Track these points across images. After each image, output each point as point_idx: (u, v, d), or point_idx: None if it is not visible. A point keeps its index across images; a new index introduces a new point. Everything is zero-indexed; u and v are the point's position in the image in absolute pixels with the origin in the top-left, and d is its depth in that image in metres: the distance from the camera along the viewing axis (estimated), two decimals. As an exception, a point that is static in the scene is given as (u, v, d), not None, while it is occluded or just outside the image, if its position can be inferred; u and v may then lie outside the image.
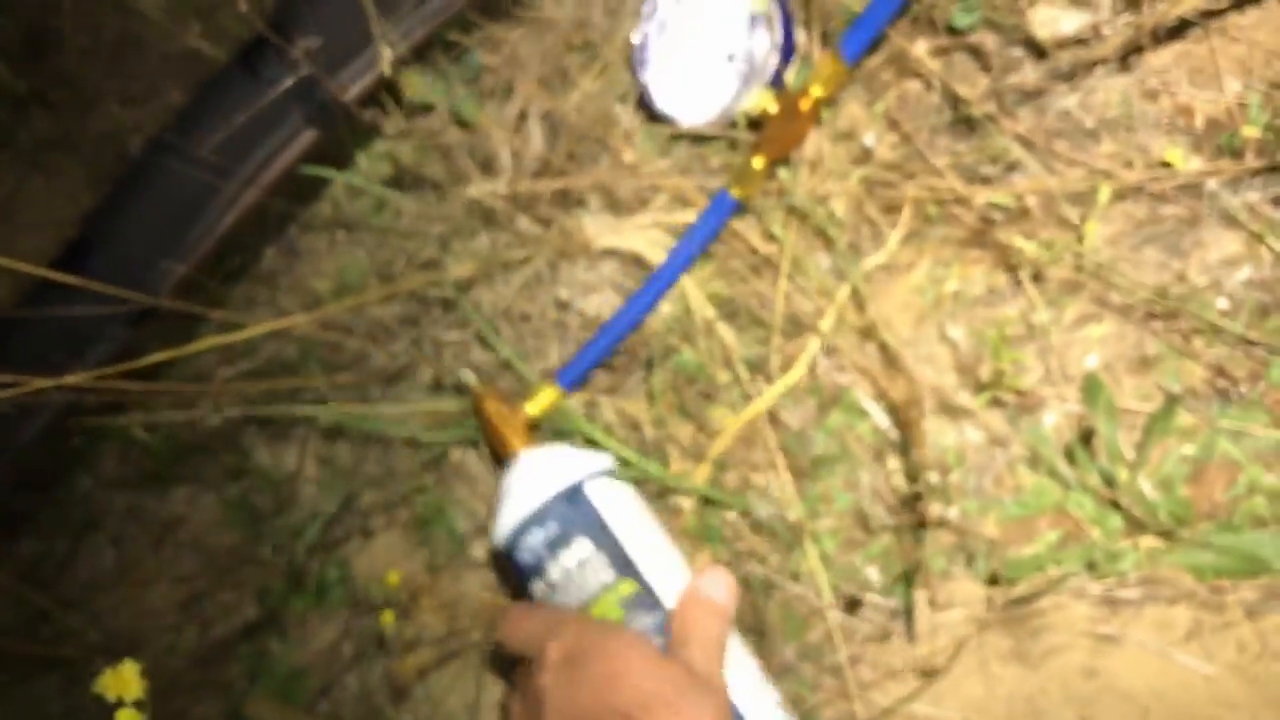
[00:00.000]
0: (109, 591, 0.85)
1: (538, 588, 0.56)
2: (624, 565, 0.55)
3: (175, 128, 0.63)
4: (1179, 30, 0.57)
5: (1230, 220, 0.56)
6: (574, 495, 0.56)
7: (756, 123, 0.60)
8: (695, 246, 0.60)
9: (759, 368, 0.62)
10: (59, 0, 0.64)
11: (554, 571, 0.56)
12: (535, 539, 0.56)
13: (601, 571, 0.55)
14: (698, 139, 0.63)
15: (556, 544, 0.56)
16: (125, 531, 0.84)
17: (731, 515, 0.63)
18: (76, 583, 0.86)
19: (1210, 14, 0.55)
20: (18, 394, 0.56)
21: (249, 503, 0.78)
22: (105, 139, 0.69)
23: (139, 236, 0.67)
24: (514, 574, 0.58)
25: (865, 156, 0.61)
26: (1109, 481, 0.56)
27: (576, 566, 0.55)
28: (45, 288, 0.69)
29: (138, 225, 0.67)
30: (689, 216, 0.62)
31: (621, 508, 0.57)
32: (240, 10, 0.57)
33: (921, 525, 0.57)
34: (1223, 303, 0.56)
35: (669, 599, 0.54)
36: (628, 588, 0.54)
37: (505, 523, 0.57)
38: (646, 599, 0.54)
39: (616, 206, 0.64)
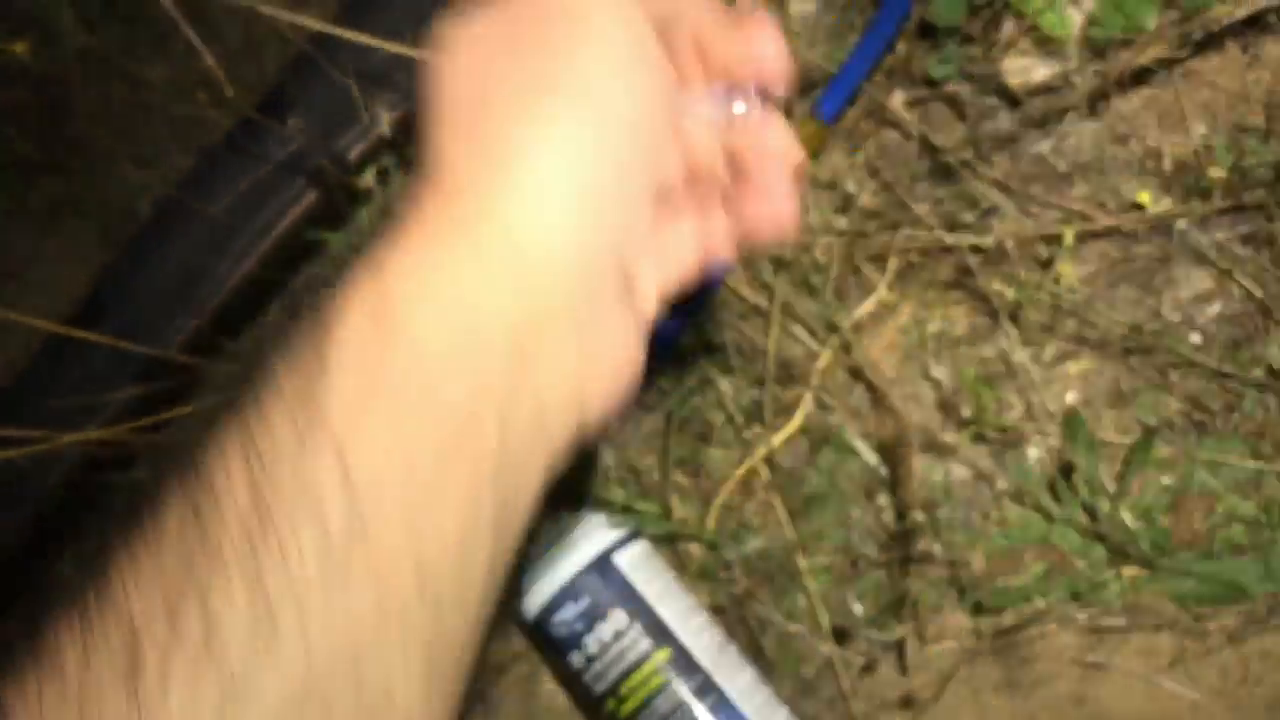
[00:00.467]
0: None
1: (575, 660, 0.58)
2: (659, 632, 0.57)
3: (182, 191, 0.66)
4: (1145, 77, 0.59)
5: (1200, 258, 0.58)
6: (603, 566, 0.58)
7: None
8: (695, 309, 0.63)
9: (753, 412, 0.64)
10: (69, 71, 0.67)
11: (591, 644, 0.58)
12: (569, 612, 0.58)
13: (639, 641, 0.57)
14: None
15: (591, 616, 0.58)
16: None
17: (728, 555, 0.64)
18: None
19: (1172, 62, 0.57)
20: (33, 451, 0.58)
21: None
22: (115, 202, 0.72)
23: (148, 297, 0.70)
24: (548, 647, 0.60)
25: (848, 204, 0.63)
26: (1091, 513, 0.57)
27: (613, 638, 0.57)
28: (59, 346, 0.72)
29: (146, 286, 0.70)
30: (679, 267, 0.64)
31: (649, 573, 0.59)
32: (230, 93, 0.59)
33: (908, 560, 0.59)
34: (1196, 337, 0.58)
35: (705, 660, 0.57)
36: (665, 654, 0.57)
37: (536, 597, 0.59)
38: (685, 662, 0.57)
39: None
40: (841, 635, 0.62)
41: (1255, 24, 0.56)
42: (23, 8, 0.65)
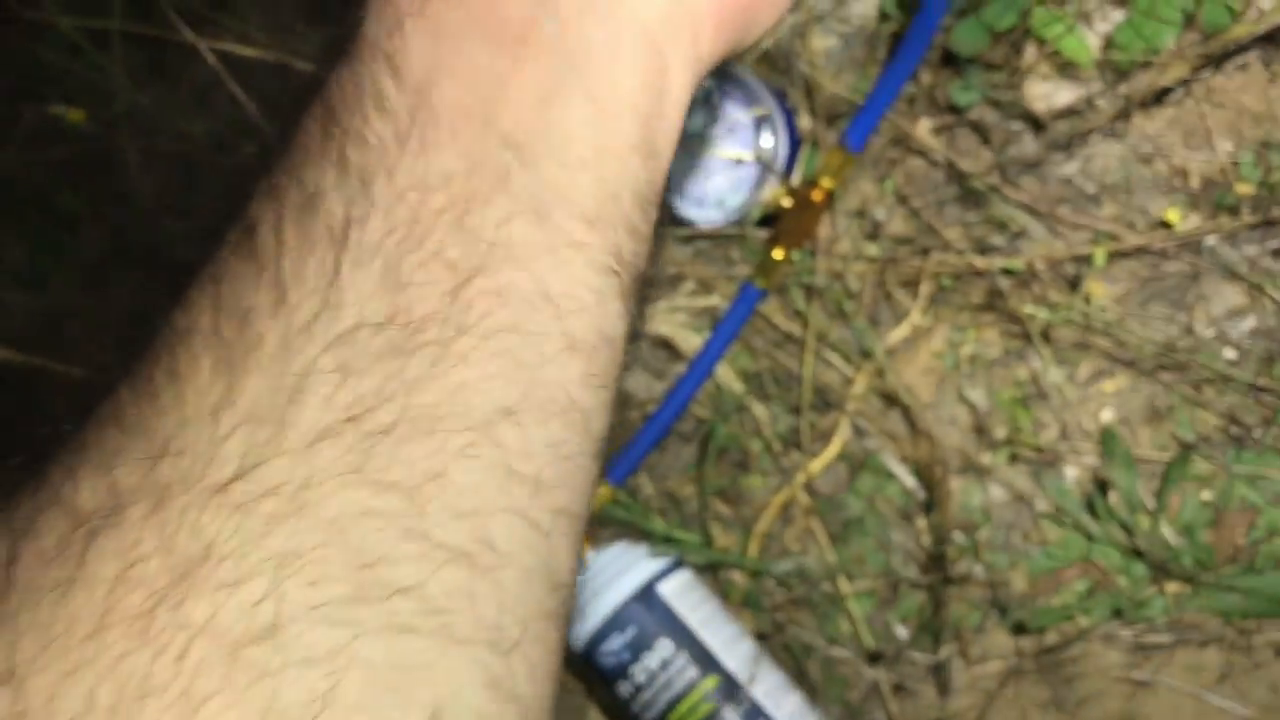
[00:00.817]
0: None
1: (623, 689, 0.60)
2: (705, 660, 0.58)
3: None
4: (1168, 97, 0.60)
5: (1231, 273, 0.58)
6: (648, 596, 0.60)
7: (772, 216, 0.63)
8: (727, 338, 0.64)
9: (790, 439, 0.65)
10: (116, 127, 0.69)
11: (639, 674, 0.59)
12: (615, 643, 0.59)
13: (686, 670, 0.58)
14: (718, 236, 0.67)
15: (638, 647, 0.59)
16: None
17: (770, 583, 0.65)
18: None
19: (1194, 81, 0.58)
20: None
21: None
22: (157, 251, 0.74)
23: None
24: (596, 677, 0.61)
25: (878, 232, 0.64)
26: (1131, 531, 0.58)
27: (660, 667, 0.58)
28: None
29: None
30: (713, 301, 0.65)
31: (693, 602, 0.60)
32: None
33: (948, 582, 0.60)
34: (1230, 353, 0.58)
35: (752, 686, 0.59)
36: (711, 682, 0.58)
37: (583, 628, 0.61)
38: (731, 689, 0.58)
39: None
40: (885, 658, 0.62)
41: (1276, 40, 0.56)
42: (79, 74, 0.67)
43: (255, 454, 0.22)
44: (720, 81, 0.63)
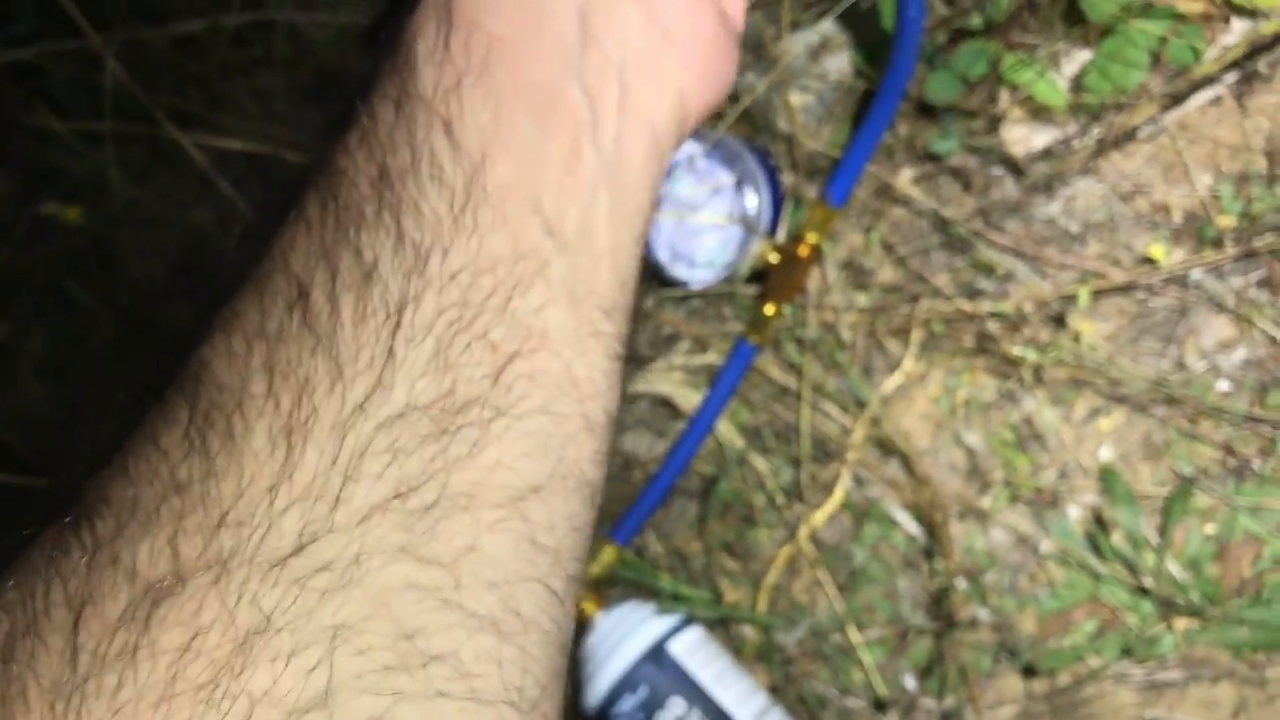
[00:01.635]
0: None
1: None
2: (718, 716, 0.59)
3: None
4: (1145, 134, 0.60)
5: (1219, 306, 0.59)
6: (658, 655, 0.60)
7: (761, 273, 0.64)
8: (725, 394, 0.64)
9: (792, 491, 0.65)
10: (119, 222, 0.71)
11: None
12: (628, 704, 0.60)
13: None
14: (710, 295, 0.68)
15: (650, 706, 0.59)
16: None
17: (781, 636, 0.65)
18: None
19: (1168, 118, 0.59)
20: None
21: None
22: (172, 339, 0.75)
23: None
24: None
25: (867, 282, 0.64)
26: (1135, 568, 0.58)
27: None
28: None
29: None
30: (709, 359, 0.66)
31: (704, 659, 0.61)
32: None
33: (955, 627, 0.60)
34: (1223, 385, 0.58)
35: None
36: None
37: (596, 690, 0.61)
38: None
39: (639, 354, 0.68)
40: (898, 707, 0.62)
41: (1243, 74, 0.57)
42: (74, 172, 0.69)
43: (310, 530, 0.24)
44: (704, 146, 0.65)
